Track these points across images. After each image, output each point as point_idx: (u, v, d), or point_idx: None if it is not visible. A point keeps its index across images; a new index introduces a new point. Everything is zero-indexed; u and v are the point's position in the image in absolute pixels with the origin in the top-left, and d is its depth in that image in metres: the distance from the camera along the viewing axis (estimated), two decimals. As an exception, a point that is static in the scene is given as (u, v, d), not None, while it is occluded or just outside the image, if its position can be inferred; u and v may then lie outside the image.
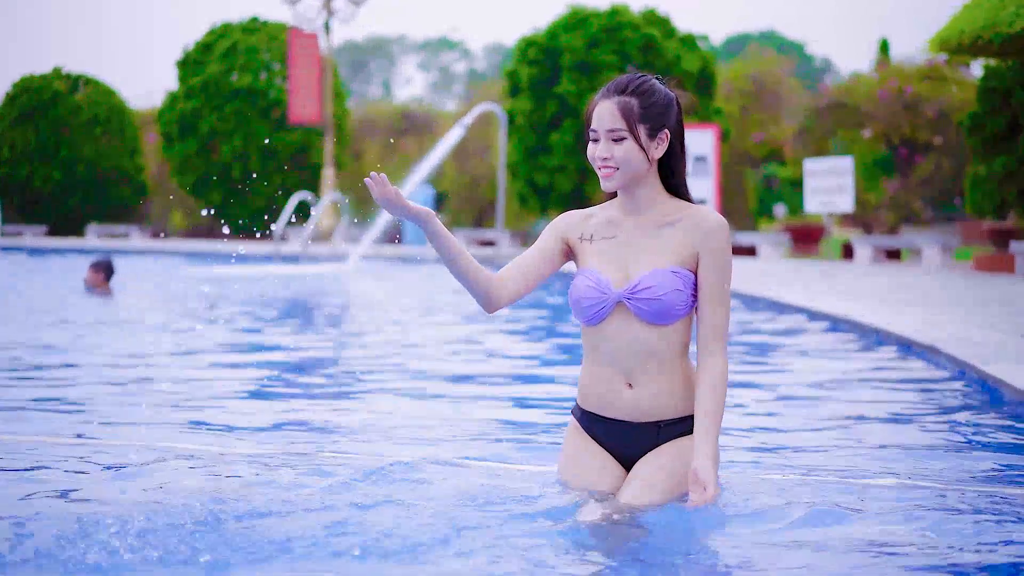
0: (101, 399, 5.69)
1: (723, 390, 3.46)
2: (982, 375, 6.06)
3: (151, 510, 3.35)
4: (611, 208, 3.63)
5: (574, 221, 3.64)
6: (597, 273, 3.53)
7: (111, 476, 3.95)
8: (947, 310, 9.78)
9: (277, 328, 9.67)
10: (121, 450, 4.32)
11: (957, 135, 23.40)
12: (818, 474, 4.05)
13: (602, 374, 3.57)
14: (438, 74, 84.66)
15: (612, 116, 3.45)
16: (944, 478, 4.00)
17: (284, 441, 4.65)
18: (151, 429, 4.86)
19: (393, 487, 3.69)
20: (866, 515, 3.47)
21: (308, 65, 27.19)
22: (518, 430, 5.00)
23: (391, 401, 5.84)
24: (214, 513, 3.32)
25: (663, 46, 24.41)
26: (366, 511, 3.40)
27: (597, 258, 3.56)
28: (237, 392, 6.13)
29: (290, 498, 3.55)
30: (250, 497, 3.56)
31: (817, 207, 20.07)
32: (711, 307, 3.49)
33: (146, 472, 3.95)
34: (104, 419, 5.11)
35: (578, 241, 3.61)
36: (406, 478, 3.81)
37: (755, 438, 4.84)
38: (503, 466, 4.11)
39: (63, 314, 10.14)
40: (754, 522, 3.42)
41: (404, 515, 3.36)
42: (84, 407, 5.47)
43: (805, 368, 7.21)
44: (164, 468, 4.02)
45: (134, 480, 3.84)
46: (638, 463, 3.55)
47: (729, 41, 64.40)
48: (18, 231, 29.90)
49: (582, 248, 3.61)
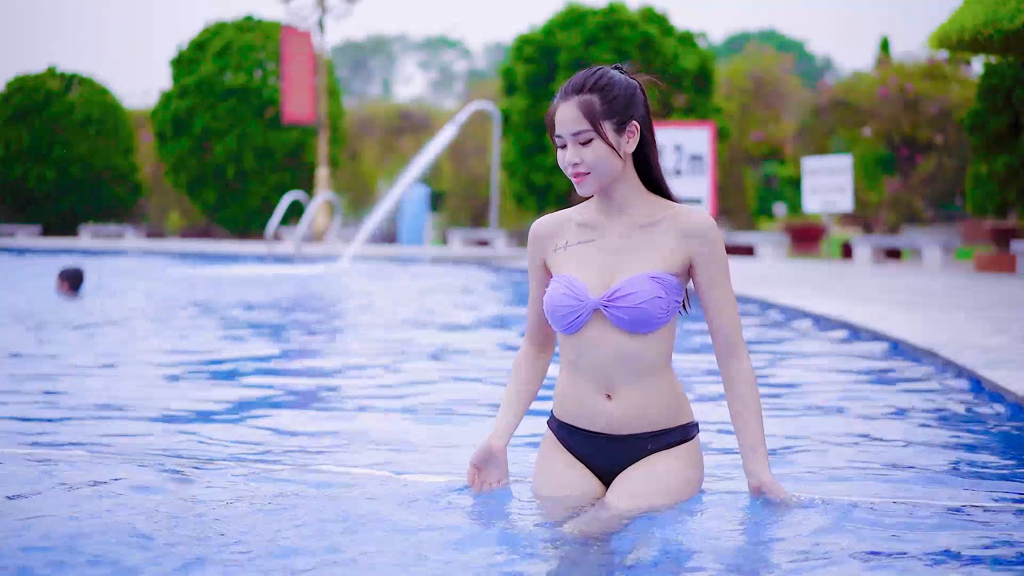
0: (47, 409, 5.49)
1: (756, 395, 3.34)
2: (983, 381, 5.83)
3: (113, 525, 3.22)
4: (589, 209, 3.44)
5: (548, 232, 3.46)
6: (573, 279, 3.34)
7: (66, 490, 3.72)
8: (947, 312, 9.57)
9: (255, 332, 9.45)
10: (87, 463, 4.10)
11: (958, 134, 23.29)
12: (806, 486, 3.83)
13: (579, 384, 3.39)
14: (438, 73, 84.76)
15: (574, 118, 3.25)
16: (938, 493, 3.79)
17: (254, 452, 4.47)
18: (113, 439, 4.66)
19: (365, 501, 3.52)
20: (852, 533, 3.25)
21: (302, 64, 26.98)
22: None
23: (368, 410, 5.64)
24: (177, 528, 3.20)
25: (661, 44, 24.28)
26: (338, 525, 3.25)
27: (574, 263, 3.38)
28: (202, 401, 5.90)
29: (263, 510, 3.40)
30: (214, 511, 3.40)
31: (816, 206, 19.90)
32: (720, 312, 3.34)
33: (114, 485, 3.76)
34: (52, 430, 4.91)
35: (553, 252, 3.44)
36: (379, 491, 3.64)
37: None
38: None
39: (29, 319, 9.89)
40: (744, 537, 3.23)
41: (375, 530, 3.21)
42: (43, 417, 5.26)
43: (794, 374, 6.98)
44: (128, 481, 3.82)
45: (102, 495, 3.64)
46: (620, 475, 3.38)
47: (730, 40, 64.44)
48: (11, 231, 29.76)
49: (556, 257, 3.43)
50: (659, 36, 24.54)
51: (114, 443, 4.61)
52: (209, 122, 29.06)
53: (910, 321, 8.65)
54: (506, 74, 25.49)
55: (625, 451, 3.37)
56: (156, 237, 30.69)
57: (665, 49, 24.24)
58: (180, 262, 20.28)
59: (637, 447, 3.37)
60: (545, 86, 24.42)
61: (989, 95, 16.56)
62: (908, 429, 5.06)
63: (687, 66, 24.24)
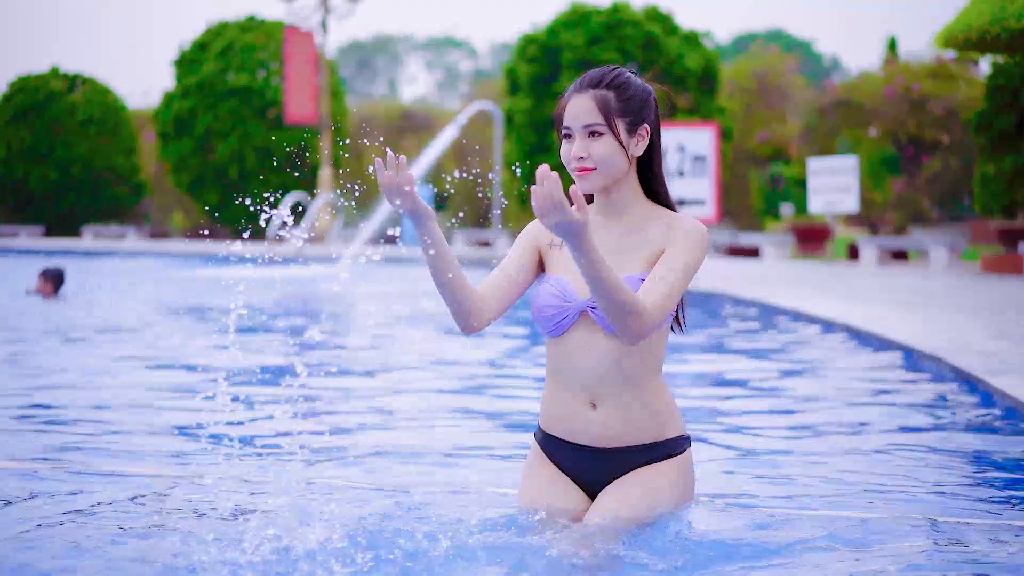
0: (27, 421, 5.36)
1: (626, 296, 2.93)
2: (988, 388, 5.67)
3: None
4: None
5: (544, 230, 3.31)
6: (562, 280, 3.21)
7: (54, 503, 3.63)
8: (952, 315, 9.41)
9: (251, 335, 9.31)
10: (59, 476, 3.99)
11: (965, 133, 23.15)
12: (801, 501, 3.72)
13: (565, 393, 3.25)
14: (444, 73, 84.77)
15: (588, 110, 3.12)
16: (940, 508, 3.65)
17: (240, 460, 4.35)
18: (86, 454, 4.53)
19: (350, 512, 3.40)
20: (852, 550, 3.11)
21: (304, 64, 26.87)
22: (485, 451, 4.70)
23: (357, 418, 5.51)
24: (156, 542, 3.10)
25: (665, 43, 24.17)
26: (321, 537, 3.13)
27: (564, 264, 3.25)
28: (182, 409, 5.76)
29: (237, 523, 3.31)
30: (198, 522, 3.32)
31: (821, 207, 19.77)
32: (651, 285, 3.05)
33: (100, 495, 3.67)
34: (39, 440, 4.78)
35: (548, 247, 3.30)
36: (363, 503, 3.54)
37: (739, 459, 4.49)
38: (464, 491, 3.81)
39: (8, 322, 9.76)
40: (735, 552, 3.11)
41: (358, 542, 3.09)
42: (26, 428, 5.13)
43: (795, 380, 6.82)
44: (113, 493, 3.71)
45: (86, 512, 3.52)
46: (604, 490, 3.24)
47: (737, 40, 64.34)
48: (14, 232, 29.69)
49: (551, 255, 3.29)
50: (663, 36, 24.45)
51: (103, 453, 4.51)
52: (211, 122, 29.00)
53: (914, 324, 8.50)
54: (510, 74, 25.41)
55: (611, 465, 3.24)
56: (159, 238, 30.61)
57: (669, 49, 24.15)
58: (180, 263, 20.18)
59: (623, 461, 3.23)
60: (548, 86, 24.33)
61: (996, 95, 16.50)
62: (909, 441, 4.91)
63: (691, 66, 24.14)
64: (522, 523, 3.23)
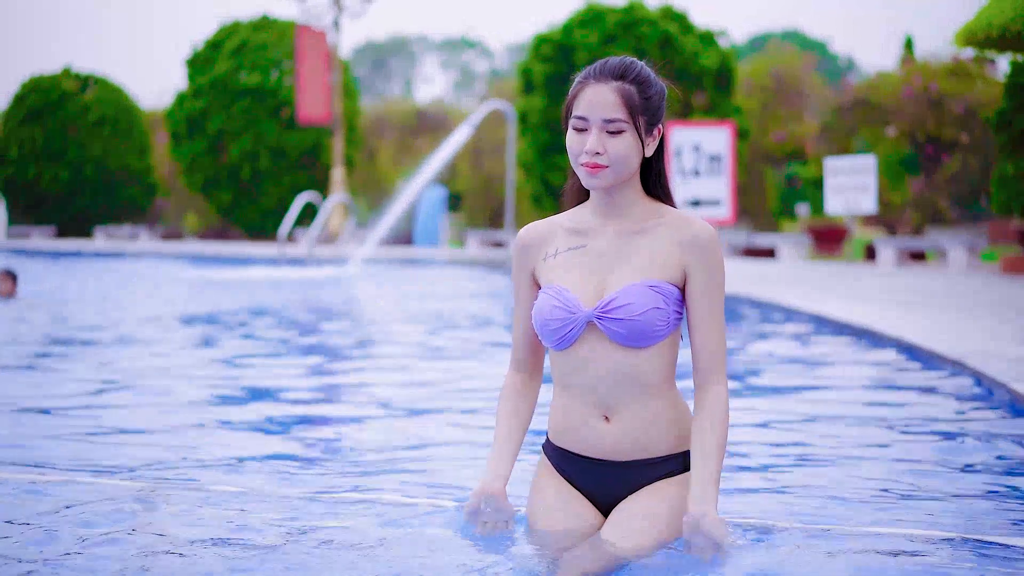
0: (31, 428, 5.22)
1: (725, 426, 2.99)
2: (1014, 395, 5.48)
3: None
4: (580, 213, 3.15)
5: (537, 239, 3.16)
6: (563, 290, 3.04)
7: (56, 514, 3.48)
8: (974, 318, 9.22)
9: (260, 338, 9.18)
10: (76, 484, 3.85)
11: (984, 133, 22.95)
12: (817, 520, 3.53)
13: (575, 406, 3.09)
14: (459, 73, 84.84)
15: (613, 104, 2.95)
16: (961, 525, 3.46)
17: (236, 470, 4.21)
18: (103, 457, 4.39)
19: (350, 524, 3.33)
20: (873, 570, 2.93)
21: (317, 63, 26.77)
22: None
23: (358, 424, 5.38)
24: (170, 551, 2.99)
25: (680, 42, 24.03)
26: (323, 550, 3.06)
27: (564, 272, 3.08)
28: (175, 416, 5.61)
29: (231, 533, 3.23)
30: (191, 534, 3.21)
31: (838, 207, 19.56)
32: (706, 332, 3.02)
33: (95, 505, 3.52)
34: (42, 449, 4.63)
35: (542, 261, 3.14)
36: (363, 514, 3.43)
37: (747, 469, 4.32)
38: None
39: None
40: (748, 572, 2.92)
41: (359, 555, 3.02)
42: (30, 435, 4.98)
43: (810, 386, 6.64)
44: (119, 502, 3.58)
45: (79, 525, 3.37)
46: (620, 505, 3.08)
47: (753, 40, 64.20)
48: (26, 232, 29.64)
49: (544, 267, 3.13)
50: (679, 34, 24.30)
51: (105, 461, 4.38)
52: (224, 122, 28.96)
53: (934, 327, 8.34)
54: (524, 73, 25.30)
55: (625, 479, 3.08)
56: (173, 238, 30.55)
57: (685, 47, 24.00)
58: (192, 265, 20.11)
59: (638, 475, 3.08)
60: (563, 85, 24.22)
61: (1016, 93, 16.29)
62: (929, 452, 4.73)
63: (707, 64, 24.00)
64: (530, 540, 3.10)
